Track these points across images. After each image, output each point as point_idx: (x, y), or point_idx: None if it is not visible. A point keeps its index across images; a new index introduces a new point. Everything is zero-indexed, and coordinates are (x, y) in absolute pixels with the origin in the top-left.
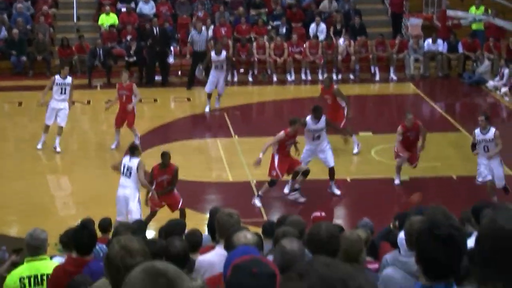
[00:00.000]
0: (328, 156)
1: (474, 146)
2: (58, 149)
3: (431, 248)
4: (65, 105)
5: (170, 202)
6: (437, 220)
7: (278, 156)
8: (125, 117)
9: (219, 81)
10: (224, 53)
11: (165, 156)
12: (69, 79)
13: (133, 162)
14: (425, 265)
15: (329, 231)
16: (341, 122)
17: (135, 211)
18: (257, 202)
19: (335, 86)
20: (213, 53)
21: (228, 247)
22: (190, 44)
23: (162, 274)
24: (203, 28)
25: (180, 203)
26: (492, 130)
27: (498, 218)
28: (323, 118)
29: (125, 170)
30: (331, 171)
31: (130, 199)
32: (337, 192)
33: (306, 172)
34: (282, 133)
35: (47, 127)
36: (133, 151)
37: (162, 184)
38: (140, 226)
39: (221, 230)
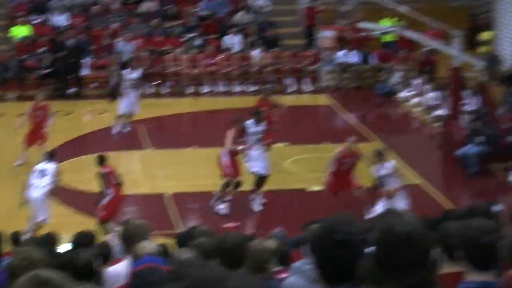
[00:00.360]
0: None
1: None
2: None
3: (330, 252)
4: None
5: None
6: (336, 225)
7: (229, 157)
8: (38, 137)
9: (135, 100)
10: (139, 70)
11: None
12: None
13: (50, 166)
14: (324, 270)
15: (235, 240)
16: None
17: (42, 211)
18: (221, 206)
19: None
20: (128, 71)
21: (134, 257)
22: (118, 55)
23: (46, 282)
24: (131, 39)
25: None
26: (389, 164)
27: (391, 223)
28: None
29: (37, 173)
30: (260, 180)
31: (38, 200)
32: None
33: (238, 184)
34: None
35: None
36: (50, 156)
37: None
38: (49, 239)
39: (129, 241)
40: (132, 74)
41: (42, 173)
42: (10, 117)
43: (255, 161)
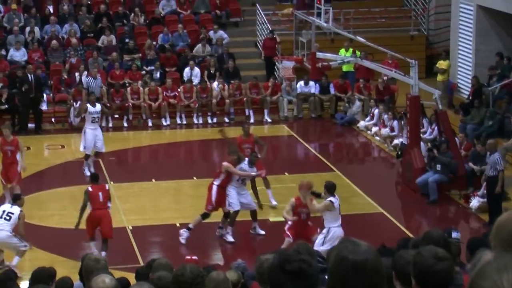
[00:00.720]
0: (250, 200)
1: None
2: None
3: (282, 283)
4: None
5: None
6: (288, 255)
7: (217, 190)
8: (12, 173)
9: (98, 136)
10: (99, 105)
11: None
12: None
13: (15, 209)
14: None
15: (193, 272)
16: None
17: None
18: (185, 234)
19: (254, 135)
20: (88, 105)
21: None
22: (85, 89)
23: None
24: (98, 74)
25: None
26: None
27: (346, 251)
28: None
29: (4, 214)
30: (254, 213)
31: (6, 242)
32: (261, 232)
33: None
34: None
35: None
36: (16, 199)
37: None
38: (8, 276)
39: (87, 276)
40: (94, 108)
41: (8, 215)
42: None
43: (234, 197)
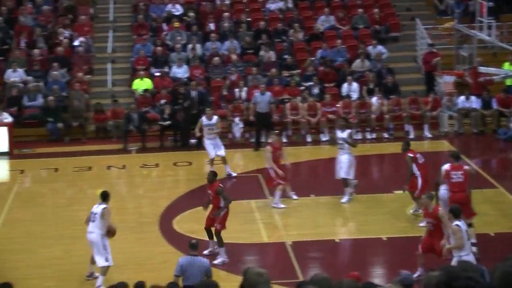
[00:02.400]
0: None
1: None
2: None
3: None
4: None
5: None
6: (454, 272)
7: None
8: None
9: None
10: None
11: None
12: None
13: (99, 209)
14: None
15: (350, 286)
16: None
17: (100, 256)
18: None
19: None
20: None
21: None
22: (254, 104)
23: None
24: (267, 92)
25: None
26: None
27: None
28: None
29: (91, 216)
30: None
31: (94, 244)
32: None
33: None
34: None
35: None
36: (104, 197)
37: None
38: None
39: None
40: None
41: (93, 216)
42: (132, 169)
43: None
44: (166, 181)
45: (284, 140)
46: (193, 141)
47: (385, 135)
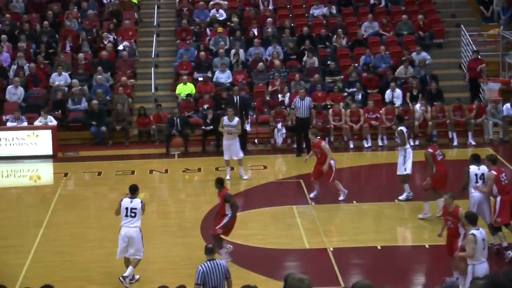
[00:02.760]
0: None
1: None
2: None
3: None
4: None
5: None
6: (500, 282)
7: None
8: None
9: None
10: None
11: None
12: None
13: (136, 203)
14: None
15: None
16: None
17: (139, 250)
18: None
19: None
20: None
21: None
22: (293, 110)
23: None
24: (307, 96)
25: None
26: None
27: None
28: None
29: (128, 211)
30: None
31: (134, 239)
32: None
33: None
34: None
35: None
36: (134, 191)
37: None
38: None
39: None
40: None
41: (132, 211)
42: (174, 173)
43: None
44: (208, 185)
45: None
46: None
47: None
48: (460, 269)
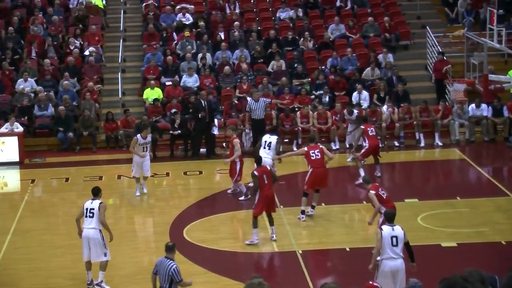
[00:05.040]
0: None
1: None
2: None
3: None
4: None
5: None
6: (453, 283)
7: None
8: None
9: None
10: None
11: None
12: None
13: (95, 204)
14: None
15: None
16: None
17: (100, 252)
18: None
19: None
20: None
21: None
22: (248, 112)
23: None
24: (261, 98)
25: None
26: None
27: None
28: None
29: (87, 212)
30: None
31: (92, 240)
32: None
33: None
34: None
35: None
36: (95, 193)
37: None
38: None
39: None
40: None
41: (89, 211)
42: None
43: None
44: (177, 190)
45: (295, 148)
46: (203, 150)
47: (396, 143)
48: None
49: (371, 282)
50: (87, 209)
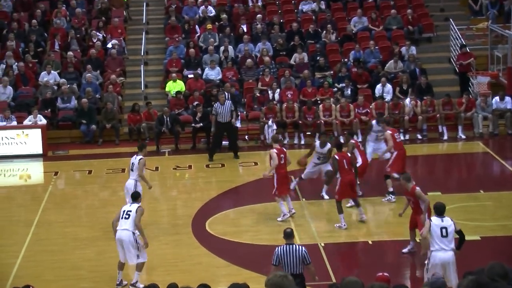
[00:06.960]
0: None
1: None
2: None
3: None
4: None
5: None
6: (483, 282)
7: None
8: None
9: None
10: (328, 145)
11: None
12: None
13: (133, 206)
14: None
15: None
16: None
17: (133, 254)
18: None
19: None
20: (317, 144)
21: None
22: (215, 115)
23: None
24: (227, 101)
25: None
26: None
27: None
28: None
29: (124, 214)
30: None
31: (124, 242)
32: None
33: None
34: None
35: None
36: (135, 198)
37: None
38: None
39: None
40: (323, 149)
41: (126, 213)
42: (165, 170)
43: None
44: (199, 182)
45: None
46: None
47: (419, 136)
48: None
49: (380, 273)
50: (124, 211)
